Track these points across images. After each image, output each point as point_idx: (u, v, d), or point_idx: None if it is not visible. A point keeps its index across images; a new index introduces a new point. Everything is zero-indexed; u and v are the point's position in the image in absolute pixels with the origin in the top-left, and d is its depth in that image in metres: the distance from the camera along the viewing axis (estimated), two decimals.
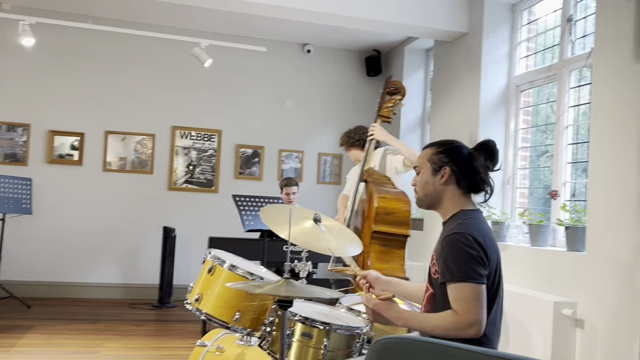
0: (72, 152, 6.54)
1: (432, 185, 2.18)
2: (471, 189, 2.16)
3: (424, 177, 2.20)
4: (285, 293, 2.09)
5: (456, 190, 2.15)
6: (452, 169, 2.14)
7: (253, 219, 4.88)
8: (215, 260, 2.62)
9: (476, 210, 2.15)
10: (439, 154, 2.17)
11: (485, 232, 2.05)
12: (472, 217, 2.09)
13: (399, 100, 3.94)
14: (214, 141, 6.94)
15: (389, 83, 3.95)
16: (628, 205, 3.27)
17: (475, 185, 2.16)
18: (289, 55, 7.16)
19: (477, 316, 1.92)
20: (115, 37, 6.55)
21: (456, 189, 2.15)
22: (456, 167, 2.14)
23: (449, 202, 2.16)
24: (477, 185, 2.16)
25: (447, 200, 2.16)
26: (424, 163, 2.20)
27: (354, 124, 4.50)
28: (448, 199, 2.16)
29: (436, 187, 2.17)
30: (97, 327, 5.18)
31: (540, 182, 4.70)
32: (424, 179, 2.20)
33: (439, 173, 2.15)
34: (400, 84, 3.96)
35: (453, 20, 5.23)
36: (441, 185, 2.15)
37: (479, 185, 2.15)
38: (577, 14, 4.22)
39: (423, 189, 2.20)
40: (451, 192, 2.15)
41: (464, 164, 2.14)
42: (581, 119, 4.17)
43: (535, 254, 4.07)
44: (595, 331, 3.45)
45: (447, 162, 2.15)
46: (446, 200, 2.16)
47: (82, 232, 6.54)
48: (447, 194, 2.16)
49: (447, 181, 2.15)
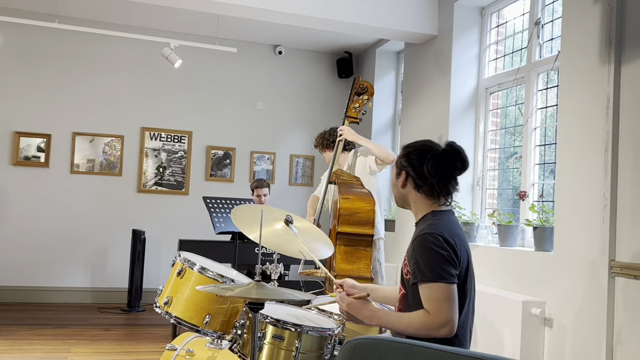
0: (39, 154, 6.41)
1: (395, 188, 2.22)
2: (429, 193, 2.12)
3: (393, 179, 2.24)
4: (256, 295, 2.07)
5: (417, 194, 2.14)
6: (408, 174, 2.13)
7: (224, 221, 4.84)
8: (185, 262, 2.59)
9: (447, 210, 2.16)
10: (402, 157, 2.17)
11: (455, 232, 2.05)
12: (442, 217, 2.10)
13: (366, 100, 3.92)
14: (184, 143, 6.87)
15: (357, 83, 3.93)
16: (594, 206, 3.33)
17: (430, 190, 2.11)
18: (260, 56, 7.14)
19: (448, 316, 1.93)
20: (83, 37, 6.45)
21: (417, 193, 2.14)
22: (413, 172, 2.12)
23: (415, 205, 2.17)
24: (431, 191, 2.11)
25: (412, 203, 2.17)
26: (395, 165, 2.23)
27: (325, 126, 4.52)
28: (413, 202, 2.17)
29: (399, 190, 2.19)
30: (64, 332, 5.08)
31: (509, 183, 4.76)
32: (393, 181, 2.24)
33: (400, 177, 2.17)
34: (368, 83, 3.94)
35: (423, 23, 5.28)
36: (402, 188, 2.17)
37: (432, 190, 2.11)
38: (544, 17, 4.29)
39: (393, 189, 2.25)
40: (413, 195, 2.15)
41: (417, 169, 2.11)
42: (549, 121, 4.24)
43: (505, 254, 4.12)
44: (563, 330, 3.50)
45: (405, 166, 2.14)
46: (412, 203, 2.17)
47: (49, 236, 6.41)
48: (410, 197, 2.17)
49: (405, 185, 2.15)
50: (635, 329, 3.07)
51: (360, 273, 3.34)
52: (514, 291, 3.96)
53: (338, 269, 3.35)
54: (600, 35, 3.38)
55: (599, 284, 3.25)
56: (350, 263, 3.39)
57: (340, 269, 3.35)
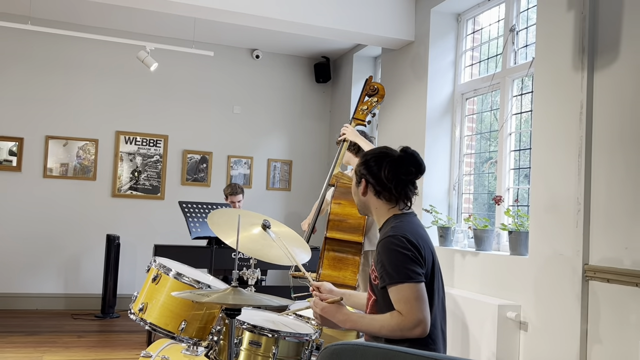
0: (10, 158, 6.29)
1: (356, 196, 2.23)
2: (389, 199, 2.15)
3: (353, 187, 2.25)
4: (233, 301, 2.05)
5: (378, 200, 2.17)
6: (367, 181, 2.16)
7: (200, 226, 4.80)
8: (160, 268, 2.56)
9: (409, 213, 2.18)
10: (360, 165, 2.20)
11: (418, 233, 2.08)
12: (404, 220, 2.12)
13: (376, 103, 3.76)
14: (160, 147, 6.81)
15: (368, 84, 3.77)
16: (568, 210, 3.38)
17: (390, 196, 2.15)
18: (237, 60, 7.11)
19: (420, 315, 1.94)
20: (57, 40, 6.36)
21: (377, 199, 2.17)
22: (372, 179, 2.15)
23: (377, 211, 2.20)
24: (390, 196, 2.15)
25: (374, 209, 2.20)
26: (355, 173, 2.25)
27: (303, 130, 4.46)
28: (374, 208, 2.20)
29: (360, 198, 2.22)
30: (36, 339, 4.98)
31: (485, 188, 4.81)
32: (353, 189, 2.26)
33: (360, 185, 2.19)
34: (380, 85, 3.76)
35: (400, 28, 5.31)
36: (362, 196, 2.19)
37: (391, 196, 2.14)
38: (519, 24, 4.35)
39: (354, 198, 2.27)
40: (374, 202, 2.18)
41: (378, 175, 2.14)
42: (523, 127, 4.29)
43: (480, 258, 4.16)
44: (538, 333, 3.54)
45: (365, 174, 2.17)
46: (373, 209, 2.20)
47: (20, 241, 6.29)
48: (371, 204, 2.19)
49: (366, 192, 2.18)
50: (608, 332, 3.12)
51: (346, 281, 3.30)
52: (489, 295, 3.99)
53: (323, 275, 3.32)
54: (573, 42, 3.44)
55: (573, 287, 3.30)
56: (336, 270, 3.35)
57: (325, 274, 3.31)
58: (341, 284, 3.24)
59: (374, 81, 3.76)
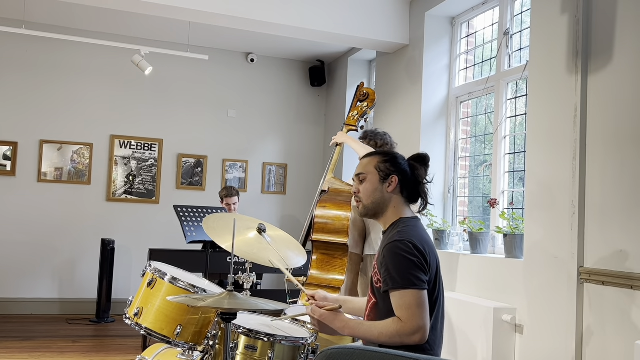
0: (5, 162, 6.27)
1: (380, 193, 2.19)
2: (412, 198, 2.23)
3: (371, 184, 2.20)
4: (228, 305, 2.05)
5: (400, 198, 2.20)
6: (398, 178, 2.18)
7: (195, 230, 4.79)
8: (155, 272, 2.55)
9: (415, 217, 2.19)
10: (386, 162, 2.21)
11: (424, 239, 2.08)
12: (411, 224, 2.13)
13: (366, 108, 3.78)
14: (155, 151, 6.79)
15: (359, 90, 3.79)
16: (563, 213, 3.39)
17: (416, 195, 2.23)
18: (232, 64, 7.11)
19: (420, 322, 1.94)
20: (51, 44, 6.34)
21: (400, 197, 2.20)
22: (401, 176, 2.19)
23: (392, 210, 2.19)
24: (417, 195, 2.23)
25: (390, 209, 2.19)
26: (371, 170, 2.21)
27: (298, 134, 4.46)
28: (392, 207, 2.19)
29: (384, 195, 2.19)
30: (30, 345, 4.96)
31: (480, 191, 4.82)
32: (370, 187, 2.20)
33: (387, 181, 2.18)
34: (371, 90, 3.78)
35: (395, 32, 5.32)
36: (388, 193, 2.18)
37: (419, 195, 2.22)
38: (513, 27, 4.37)
39: (370, 196, 2.20)
40: (396, 200, 2.19)
41: (408, 173, 2.21)
42: (518, 130, 4.30)
43: (476, 261, 4.16)
44: (533, 336, 3.54)
45: (394, 170, 2.19)
46: (390, 209, 2.19)
47: (15, 246, 6.26)
48: (392, 202, 2.19)
49: (394, 189, 2.18)
50: (603, 335, 3.12)
51: (332, 283, 3.31)
52: (485, 298, 3.99)
53: (311, 277, 3.32)
54: (567, 45, 3.46)
55: (568, 290, 3.30)
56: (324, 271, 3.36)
57: (313, 277, 3.32)
58: (328, 286, 3.25)
59: (365, 86, 3.80)
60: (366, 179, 2.21)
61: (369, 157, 2.27)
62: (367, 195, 2.21)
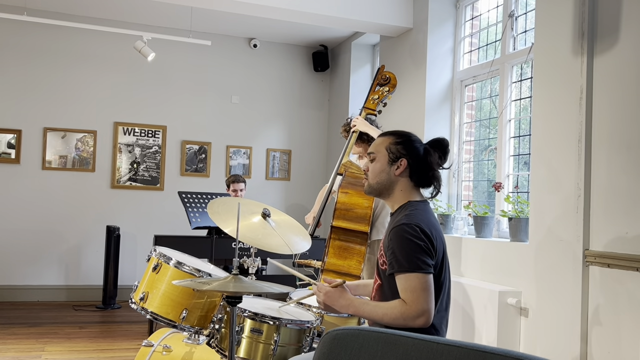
0: (9, 151, 6.28)
1: (386, 174, 2.17)
2: (422, 183, 2.19)
3: (379, 165, 2.18)
4: (234, 289, 2.05)
5: (408, 182, 2.17)
6: (408, 162, 2.15)
7: (200, 216, 4.80)
8: (160, 257, 2.56)
9: (423, 201, 2.17)
10: (398, 144, 2.17)
11: (432, 223, 2.07)
12: (419, 208, 2.11)
13: (387, 92, 3.69)
14: (159, 137, 6.79)
15: (380, 73, 3.69)
16: (568, 196, 3.37)
17: (427, 180, 2.18)
18: (235, 49, 7.07)
19: (425, 306, 1.94)
20: (53, 30, 6.32)
21: (408, 181, 2.17)
22: (412, 161, 2.15)
23: (400, 193, 2.17)
24: (428, 181, 2.18)
25: (397, 191, 2.17)
26: (381, 151, 2.19)
27: (301, 119, 4.43)
28: (399, 190, 2.17)
29: (390, 177, 2.17)
30: (37, 331, 4.99)
31: (484, 175, 4.80)
32: (378, 167, 2.19)
33: (396, 164, 2.16)
34: (392, 74, 3.68)
35: (398, 15, 5.28)
36: (395, 176, 2.16)
37: (430, 180, 2.18)
38: (518, 10, 4.32)
39: (377, 176, 2.19)
40: (403, 183, 2.17)
41: (420, 158, 2.16)
42: (523, 113, 4.27)
43: (481, 245, 4.16)
44: (538, 319, 3.54)
45: (405, 154, 2.15)
46: (397, 191, 2.17)
47: (21, 233, 6.29)
48: (399, 185, 2.17)
49: (402, 173, 2.16)
50: (609, 317, 3.12)
51: (350, 270, 3.30)
52: (490, 281, 4.00)
53: (328, 264, 3.32)
54: (573, 27, 3.42)
55: (574, 273, 3.30)
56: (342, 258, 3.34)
57: (330, 263, 3.31)
58: (346, 273, 3.25)
59: (386, 70, 3.71)
60: (376, 158, 2.20)
61: (384, 136, 2.24)
62: (373, 174, 2.20)
